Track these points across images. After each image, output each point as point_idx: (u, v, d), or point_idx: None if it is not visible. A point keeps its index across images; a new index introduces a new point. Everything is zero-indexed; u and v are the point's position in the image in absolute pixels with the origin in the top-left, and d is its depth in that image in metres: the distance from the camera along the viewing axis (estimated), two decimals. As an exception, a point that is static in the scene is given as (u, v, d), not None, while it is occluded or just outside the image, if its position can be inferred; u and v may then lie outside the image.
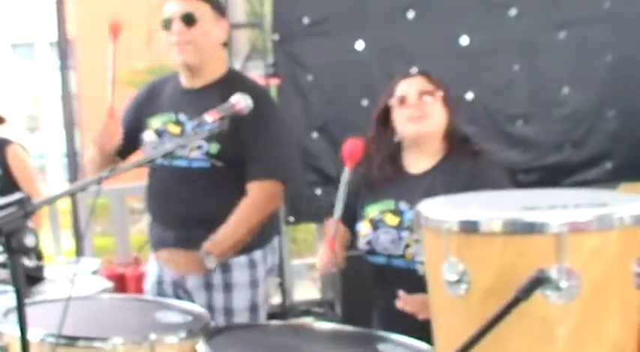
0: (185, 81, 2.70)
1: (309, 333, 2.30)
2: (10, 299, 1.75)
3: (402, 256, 2.27)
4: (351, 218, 2.42)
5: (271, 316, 4.98)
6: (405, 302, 2.09)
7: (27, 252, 1.62)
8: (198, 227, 2.55)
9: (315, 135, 4.53)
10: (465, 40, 4.52)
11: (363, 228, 2.36)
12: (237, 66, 4.73)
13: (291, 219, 4.62)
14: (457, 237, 1.50)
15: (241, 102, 2.31)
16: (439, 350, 1.62)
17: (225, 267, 2.63)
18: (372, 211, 2.36)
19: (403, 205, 2.30)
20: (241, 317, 2.65)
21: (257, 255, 2.68)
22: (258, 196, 2.58)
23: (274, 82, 4.48)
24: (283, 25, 4.44)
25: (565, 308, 1.42)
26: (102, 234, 7.98)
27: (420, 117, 2.31)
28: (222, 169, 2.58)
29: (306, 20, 4.42)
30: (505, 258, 1.44)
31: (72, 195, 2.32)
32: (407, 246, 2.25)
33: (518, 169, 4.54)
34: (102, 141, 2.61)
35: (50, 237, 5.48)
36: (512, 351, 1.46)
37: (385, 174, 2.39)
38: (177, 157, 2.60)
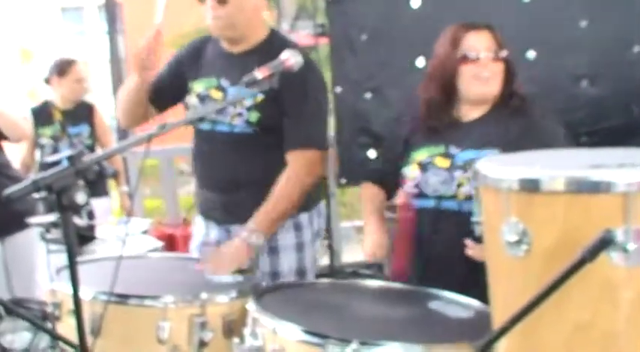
0: (226, 46, 2.67)
1: (358, 291, 2.29)
2: (63, 257, 1.75)
3: (454, 196, 2.22)
4: (391, 170, 2.39)
5: (319, 277, 5.02)
6: (474, 250, 2.04)
7: (78, 209, 1.61)
8: (243, 190, 2.55)
9: (368, 95, 4.43)
10: None
11: (411, 171, 2.31)
12: (285, 25, 4.67)
13: (343, 180, 4.57)
14: (517, 196, 1.43)
15: (291, 58, 2.27)
16: (497, 311, 1.57)
17: None
18: (421, 155, 2.31)
19: (453, 149, 2.26)
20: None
21: (303, 218, 2.66)
22: (298, 167, 2.54)
23: (323, 42, 4.41)
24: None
25: (631, 271, 1.35)
26: (151, 196, 8.06)
27: (488, 78, 2.25)
28: (264, 135, 2.55)
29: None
30: (568, 218, 1.37)
31: (121, 151, 2.31)
32: (459, 185, 2.20)
33: (582, 131, 4.41)
34: (141, 60, 2.54)
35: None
36: (574, 315, 1.40)
37: (436, 122, 2.33)
38: (220, 122, 2.58)
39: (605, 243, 1.25)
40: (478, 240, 1.72)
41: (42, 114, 4.58)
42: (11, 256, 3.60)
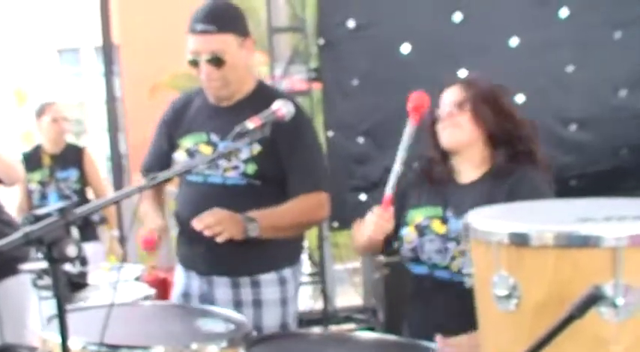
0: (214, 100, 2.65)
1: (350, 343, 2.26)
2: (54, 304, 1.74)
3: (447, 267, 2.21)
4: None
5: (313, 322, 5.01)
6: (441, 343, 2.02)
7: (68, 261, 1.61)
8: (229, 242, 2.42)
9: (361, 139, 4.48)
10: (514, 41, 4.43)
11: (409, 233, 2.30)
12: (279, 70, 4.71)
13: (335, 224, 4.58)
14: (507, 250, 1.44)
15: (283, 108, 2.27)
16: (488, 366, 1.57)
17: (254, 283, 2.59)
18: (418, 216, 2.30)
19: (450, 213, 2.25)
20: None
21: (287, 272, 2.64)
22: (310, 202, 2.55)
23: (317, 87, 4.46)
24: (328, 29, 4.41)
25: (621, 326, 1.36)
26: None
27: (450, 130, 2.25)
28: (258, 187, 2.54)
29: (351, 24, 4.38)
30: (558, 272, 1.38)
31: (115, 202, 2.31)
32: (453, 257, 2.19)
33: (571, 175, 4.44)
34: None
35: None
36: (565, 370, 1.40)
37: (434, 178, 2.34)
38: (212, 175, 2.57)
39: (594, 299, 1.26)
40: (468, 292, 1.71)
41: (32, 159, 4.58)
42: (2, 301, 3.57)
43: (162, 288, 4.71)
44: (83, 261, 3.26)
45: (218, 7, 2.59)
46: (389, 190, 2.22)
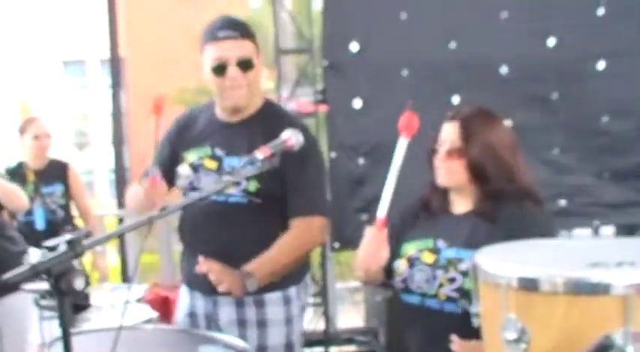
0: (223, 115, 2.63)
1: None
2: (56, 324, 1.73)
3: (435, 295, 2.21)
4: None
5: (314, 343, 4.99)
6: (459, 346, 2.02)
7: (75, 294, 1.61)
8: (234, 262, 2.45)
9: (361, 161, 4.50)
10: (504, 70, 4.51)
11: (400, 266, 2.30)
12: (286, 92, 4.72)
13: (337, 245, 4.59)
14: (516, 294, 1.44)
15: (292, 138, 2.26)
16: (494, 408, 1.56)
17: (259, 303, 2.57)
18: (411, 249, 2.31)
19: (441, 243, 2.25)
20: None
21: (292, 291, 2.62)
22: (303, 230, 2.53)
23: (323, 109, 4.46)
24: (332, 51, 4.44)
25: (630, 372, 1.35)
26: (147, 251, 8.03)
27: (443, 174, 2.26)
28: (260, 205, 2.53)
29: (354, 46, 4.41)
30: (568, 318, 1.38)
31: (123, 233, 2.30)
32: (440, 285, 2.19)
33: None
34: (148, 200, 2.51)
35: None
36: None
37: (431, 210, 2.34)
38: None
39: (604, 349, 1.25)
40: (476, 332, 1.71)
41: (16, 176, 4.46)
42: (4, 317, 3.56)
43: (165, 307, 4.70)
44: (86, 281, 3.27)
45: (235, 18, 2.60)
46: (382, 213, 2.18)
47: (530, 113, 4.49)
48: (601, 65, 4.57)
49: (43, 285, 2.03)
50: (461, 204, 2.30)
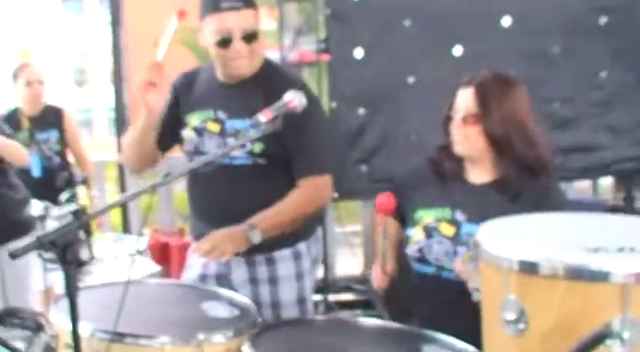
0: (221, 76, 2.61)
1: (354, 331, 2.30)
2: (59, 276, 1.74)
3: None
4: (400, 215, 2.39)
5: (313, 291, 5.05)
6: (460, 265, 2.06)
7: (81, 264, 1.63)
8: (240, 223, 2.47)
9: (361, 111, 4.49)
10: (506, 21, 4.51)
11: (416, 234, 2.30)
12: (288, 41, 4.67)
13: (335, 195, 4.60)
14: (517, 276, 1.46)
15: (295, 99, 2.26)
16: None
17: (269, 261, 2.62)
18: (427, 217, 2.30)
19: (459, 215, 2.24)
20: (289, 311, 2.64)
21: (301, 246, 2.66)
22: (310, 190, 2.55)
23: (325, 58, 4.43)
24: (335, 0, 4.40)
25: (625, 356, 1.38)
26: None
27: (459, 141, 2.24)
28: (264, 166, 2.54)
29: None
30: (566, 303, 1.40)
31: (128, 201, 2.31)
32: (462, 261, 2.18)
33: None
34: (147, 89, 2.44)
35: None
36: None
37: (443, 174, 2.33)
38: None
39: (603, 337, 1.28)
40: (476, 306, 1.73)
41: (11, 122, 4.43)
42: (6, 265, 3.61)
43: (165, 254, 4.76)
44: (88, 232, 3.31)
45: None
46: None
47: (531, 66, 4.49)
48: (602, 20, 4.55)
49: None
50: (477, 174, 2.28)
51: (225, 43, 2.47)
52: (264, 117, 2.17)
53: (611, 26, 4.56)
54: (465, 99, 2.22)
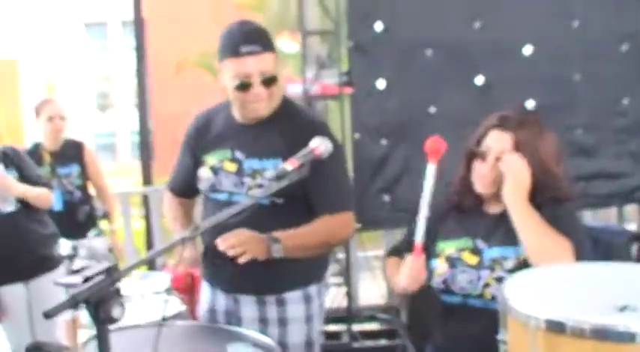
0: (240, 117, 2.61)
1: None
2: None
3: (481, 295, 2.24)
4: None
5: (337, 320, 5.06)
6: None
7: (114, 322, 1.66)
8: (254, 261, 2.41)
9: (384, 141, 4.52)
10: (527, 50, 4.53)
11: (440, 265, 2.33)
12: (310, 74, 4.71)
13: (358, 225, 4.62)
14: (544, 335, 1.47)
15: (321, 146, 2.27)
16: None
17: (280, 302, 2.61)
18: (448, 248, 2.33)
19: (480, 244, 2.27)
20: None
21: (312, 289, 2.65)
22: (334, 222, 2.53)
23: (347, 91, 4.46)
24: (357, 32, 4.42)
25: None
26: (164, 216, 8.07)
27: (488, 183, 2.28)
28: (282, 205, 2.52)
29: (379, 26, 4.40)
30: (594, 362, 1.41)
31: (158, 256, 2.33)
32: (486, 285, 2.22)
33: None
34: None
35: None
36: None
37: (464, 209, 2.36)
38: (237, 193, 2.57)
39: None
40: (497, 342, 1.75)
41: (33, 157, 4.37)
42: (34, 298, 3.67)
43: (189, 283, 4.76)
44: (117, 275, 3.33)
45: (254, 27, 2.53)
46: (419, 238, 2.24)
47: (554, 94, 4.53)
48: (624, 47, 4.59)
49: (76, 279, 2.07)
50: (495, 205, 2.32)
51: (244, 87, 2.47)
52: (290, 165, 2.18)
53: (632, 53, 4.61)
54: (500, 142, 2.26)
